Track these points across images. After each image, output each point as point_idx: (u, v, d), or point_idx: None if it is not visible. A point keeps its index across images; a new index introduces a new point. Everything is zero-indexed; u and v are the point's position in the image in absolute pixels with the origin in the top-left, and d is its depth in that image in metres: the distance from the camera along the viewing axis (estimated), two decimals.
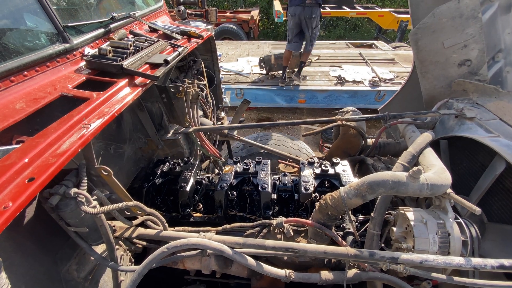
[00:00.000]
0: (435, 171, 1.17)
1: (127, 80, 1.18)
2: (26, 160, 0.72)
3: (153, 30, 1.90)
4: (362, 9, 10.24)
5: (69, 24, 1.18)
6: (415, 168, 1.07)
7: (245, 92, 5.83)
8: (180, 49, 1.54)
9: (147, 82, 1.25)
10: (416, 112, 1.89)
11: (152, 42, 1.56)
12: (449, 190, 1.16)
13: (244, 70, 6.36)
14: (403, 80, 5.91)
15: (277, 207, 1.69)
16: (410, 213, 1.19)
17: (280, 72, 6.06)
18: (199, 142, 2.14)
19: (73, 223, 0.97)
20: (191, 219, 1.68)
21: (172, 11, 2.78)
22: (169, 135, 2.00)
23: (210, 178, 1.95)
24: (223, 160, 2.44)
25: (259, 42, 8.79)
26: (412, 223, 1.15)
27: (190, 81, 2.00)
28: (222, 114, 3.01)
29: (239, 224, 1.47)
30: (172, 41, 1.82)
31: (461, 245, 1.12)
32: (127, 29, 1.63)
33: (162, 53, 1.53)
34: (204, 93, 2.47)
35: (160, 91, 1.76)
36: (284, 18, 9.70)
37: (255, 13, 10.38)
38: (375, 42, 8.80)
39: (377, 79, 5.81)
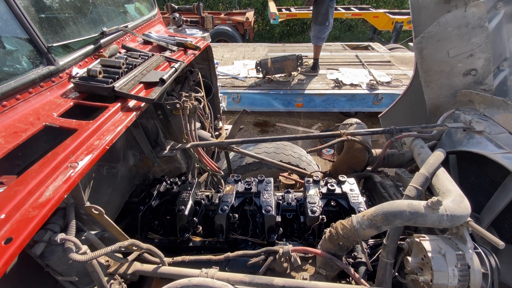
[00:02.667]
0: (453, 199, 1.09)
1: (119, 104, 1.07)
2: (3, 216, 0.62)
3: (147, 42, 1.80)
4: (357, 10, 10.22)
5: (54, 44, 1.07)
6: (434, 198, 0.99)
7: (242, 96, 5.73)
8: (176, 65, 1.44)
9: (142, 105, 1.15)
10: (423, 126, 1.83)
11: (147, 57, 1.46)
12: (468, 218, 1.09)
13: (241, 74, 6.26)
14: (400, 83, 5.90)
15: (281, 229, 1.60)
16: (426, 243, 1.12)
17: (277, 75, 5.98)
18: (197, 157, 2.04)
19: (61, 270, 0.87)
20: (191, 244, 1.58)
21: (165, 12, 2.66)
22: (166, 151, 1.90)
23: (210, 197, 1.85)
24: (222, 173, 2.35)
25: (255, 44, 8.70)
26: (429, 254, 1.08)
27: (187, 95, 1.90)
28: (220, 124, 2.91)
29: (242, 252, 1.37)
30: (168, 54, 1.72)
31: (481, 278, 1.05)
32: (118, 43, 1.52)
33: (157, 70, 1.43)
34: (201, 105, 2.38)
35: (156, 108, 1.66)
36: (279, 20, 9.63)
37: (250, 14, 10.28)
38: (371, 43, 8.77)
39: (375, 82, 5.77)
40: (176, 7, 2.60)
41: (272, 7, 9.59)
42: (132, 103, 1.14)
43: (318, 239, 1.48)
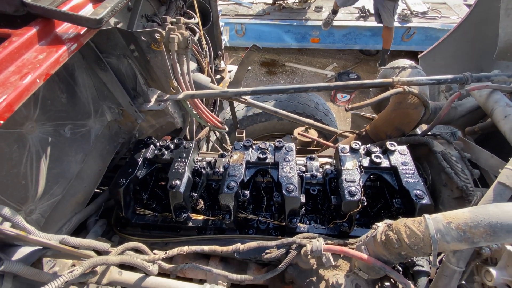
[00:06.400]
0: None
1: (34, 30, 0.56)
2: None
3: None
4: None
5: None
6: None
7: (247, 28, 4.84)
8: None
9: (81, 32, 0.64)
10: (509, 74, 1.29)
11: None
12: None
13: None
14: (439, 14, 4.87)
15: (303, 208, 1.26)
16: None
17: (290, 1, 4.94)
18: (193, 111, 1.58)
19: None
20: (190, 223, 1.26)
21: None
22: (151, 104, 1.42)
23: (212, 163, 1.46)
24: (226, 129, 1.90)
25: None
26: None
27: (174, 21, 1.31)
28: (222, 64, 2.33)
29: (256, 243, 1.05)
30: None
31: None
32: None
33: None
34: (196, 37, 1.78)
35: (127, 40, 1.11)
36: None
37: None
38: None
39: (408, 12, 4.76)
40: None
41: None
42: (62, 28, 0.62)
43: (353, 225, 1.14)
